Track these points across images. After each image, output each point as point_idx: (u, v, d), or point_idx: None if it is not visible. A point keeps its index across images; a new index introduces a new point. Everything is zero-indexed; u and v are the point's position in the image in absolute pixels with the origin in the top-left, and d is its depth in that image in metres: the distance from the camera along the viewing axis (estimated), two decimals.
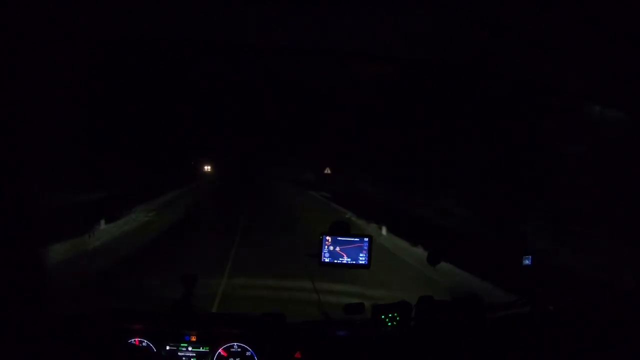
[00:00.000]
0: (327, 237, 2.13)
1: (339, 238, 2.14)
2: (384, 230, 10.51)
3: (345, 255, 2.13)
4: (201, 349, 2.03)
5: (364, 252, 2.13)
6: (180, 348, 2.03)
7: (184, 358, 2.02)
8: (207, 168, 23.36)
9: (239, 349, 2.03)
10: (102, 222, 9.10)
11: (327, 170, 18.37)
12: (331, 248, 2.13)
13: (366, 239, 2.14)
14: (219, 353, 2.03)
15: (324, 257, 2.13)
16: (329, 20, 2.00)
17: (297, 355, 1.96)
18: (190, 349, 2.03)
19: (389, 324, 2.17)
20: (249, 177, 23.68)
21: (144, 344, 2.01)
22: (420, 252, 8.78)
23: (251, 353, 2.02)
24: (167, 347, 2.03)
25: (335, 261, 2.13)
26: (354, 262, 2.13)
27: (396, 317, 2.18)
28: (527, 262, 2.43)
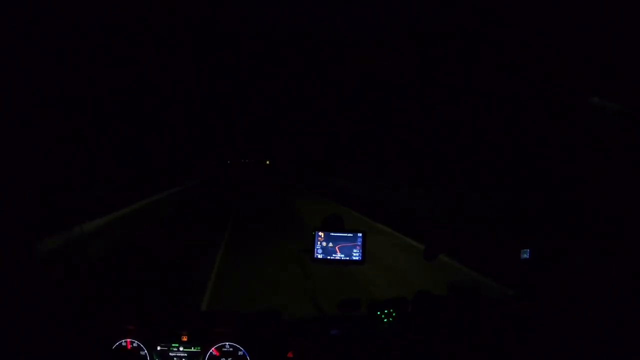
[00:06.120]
0: (320, 233, 2.07)
1: (332, 234, 2.08)
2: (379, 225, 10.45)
3: (338, 252, 2.07)
4: (192, 349, 1.99)
5: (358, 247, 2.07)
6: (171, 348, 1.99)
7: (175, 358, 1.99)
8: None
9: (231, 349, 1.99)
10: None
11: None
12: (324, 244, 2.07)
13: (360, 235, 2.08)
14: (211, 353, 1.99)
15: (317, 253, 2.07)
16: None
17: (290, 355, 1.92)
18: (181, 349, 1.99)
19: (385, 320, 2.13)
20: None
21: (135, 344, 1.98)
22: (417, 246, 8.77)
23: (243, 352, 1.98)
24: (158, 348, 2.00)
25: (329, 257, 2.07)
26: (348, 258, 2.07)
27: (392, 313, 2.14)
28: (525, 256, 2.37)
